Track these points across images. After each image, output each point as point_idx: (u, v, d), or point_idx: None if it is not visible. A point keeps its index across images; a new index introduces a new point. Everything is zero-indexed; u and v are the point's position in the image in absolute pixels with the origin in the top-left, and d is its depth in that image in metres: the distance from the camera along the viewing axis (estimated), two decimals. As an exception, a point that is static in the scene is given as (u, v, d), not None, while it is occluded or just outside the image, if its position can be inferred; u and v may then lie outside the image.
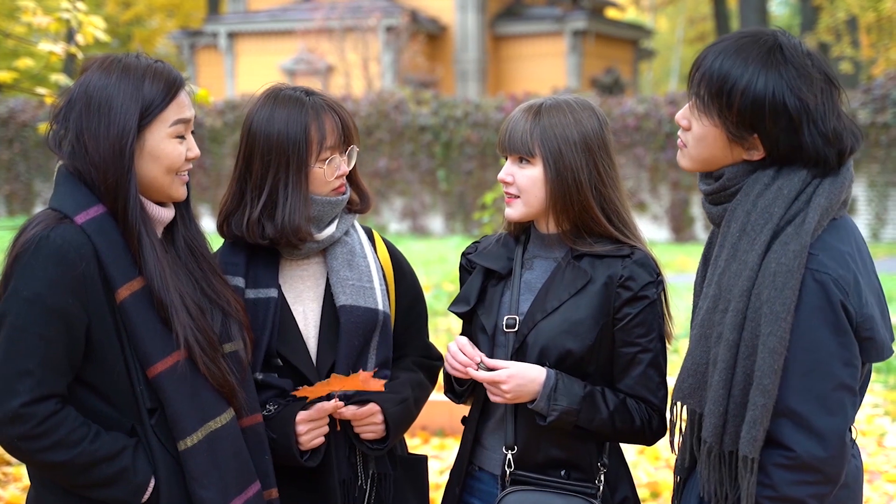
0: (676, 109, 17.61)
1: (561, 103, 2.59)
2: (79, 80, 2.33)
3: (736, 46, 2.20)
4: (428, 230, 19.72)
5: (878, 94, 16.68)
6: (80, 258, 2.22)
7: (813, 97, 2.16)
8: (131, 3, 33.08)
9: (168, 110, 2.32)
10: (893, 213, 17.07)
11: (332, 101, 2.65)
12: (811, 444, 2.10)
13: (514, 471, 2.56)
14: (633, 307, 2.51)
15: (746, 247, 2.17)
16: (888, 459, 5.88)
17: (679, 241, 18.01)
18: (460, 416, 2.82)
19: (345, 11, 23.58)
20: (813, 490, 2.13)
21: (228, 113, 20.65)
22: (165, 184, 2.36)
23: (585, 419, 2.49)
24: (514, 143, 2.58)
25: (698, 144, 2.27)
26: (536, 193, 2.57)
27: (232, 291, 2.51)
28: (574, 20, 26.17)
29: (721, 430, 2.17)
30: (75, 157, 2.29)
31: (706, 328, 2.22)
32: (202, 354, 2.31)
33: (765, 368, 2.09)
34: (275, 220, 2.58)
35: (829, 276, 2.12)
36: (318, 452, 2.59)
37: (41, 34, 5.57)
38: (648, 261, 2.55)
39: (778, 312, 2.09)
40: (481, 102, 19.34)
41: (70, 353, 2.22)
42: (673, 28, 41.74)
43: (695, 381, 2.24)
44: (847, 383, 2.13)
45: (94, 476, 2.23)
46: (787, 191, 2.17)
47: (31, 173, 21.62)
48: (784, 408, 2.11)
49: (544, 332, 2.53)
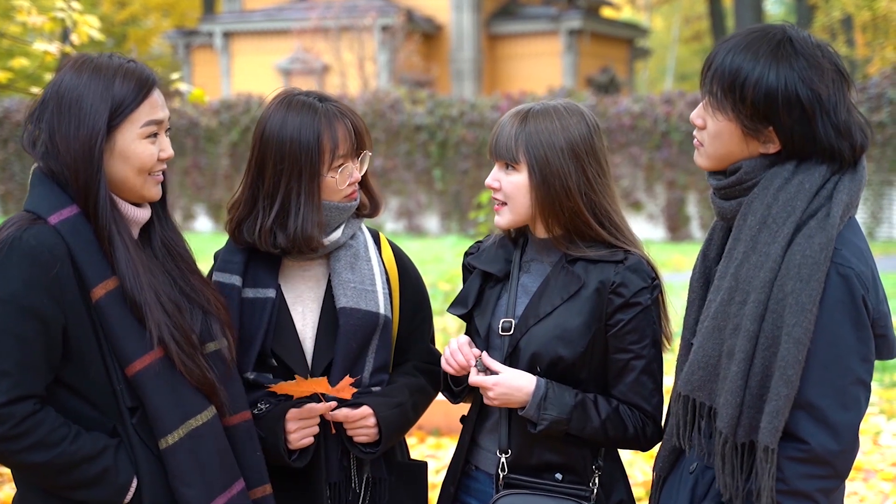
0: (672, 108, 17.68)
1: (549, 109, 2.57)
2: (52, 81, 2.33)
3: (746, 42, 2.22)
4: (424, 230, 19.71)
5: (874, 92, 16.70)
6: (53, 258, 2.21)
7: (825, 88, 2.17)
8: (126, 3, 33.03)
9: (139, 111, 2.31)
10: (889, 211, 17.09)
11: (345, 107, 2.63)
12: (825, 438, 2.11)
13: (507, 474, 2.55)
14: (626, 313, 2.50)
15: (768, 239, 2.17)
16: (883, 458, 5.89)
17: (675, 240, 18.02)
18: (456, 415, 2.81)
19: (340, 11, 23.56)
20: (821, 484, 2.14)
21: (224, 112, 20.61)
22: (137, 184, 2.34)
23: (576, 428, 2.48)
24: (500, 148, 2.57)
25: (714, 141, 2.27)
26: (522, 200, 2.56)
27: (213, 290, 2.50)
28: (569, 19, 26.17)
29: (736, 421, 2.16)
30: (48, 157, 2.29)
31: (720, 320, 2.21)
32: (179, 352, 2.30)
33: (789, 359, 2.09)
34: (287, 231, 2.57)
35: (852, 270, 2.13)
36: (306, 453, 2.58)
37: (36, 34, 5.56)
38: (642, 266, 2.53)
39: (804, 304, 2.09)
40: (477, 102, 19.33)
41: (47, 353, 2.21)
42: (668, 27, 41.75)
43: (706, 374, 2.23)
44: (863, 378, 2.15)
45: (76, 477, 2.22)
46: (809, 185, 2.18)
47: (27, 173, 21.47)
48: (802, 400, 2.12)
49: (536, 337, 2.52)
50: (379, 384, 2.67)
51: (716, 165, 2.30)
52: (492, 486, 2.61)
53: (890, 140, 16.67)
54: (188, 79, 26.52)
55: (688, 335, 2.39)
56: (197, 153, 20.76)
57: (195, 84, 25.83)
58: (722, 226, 2.37)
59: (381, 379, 2.67)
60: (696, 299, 2.38)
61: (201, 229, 20.62)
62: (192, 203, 21.03)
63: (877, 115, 16.59)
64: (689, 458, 2.36)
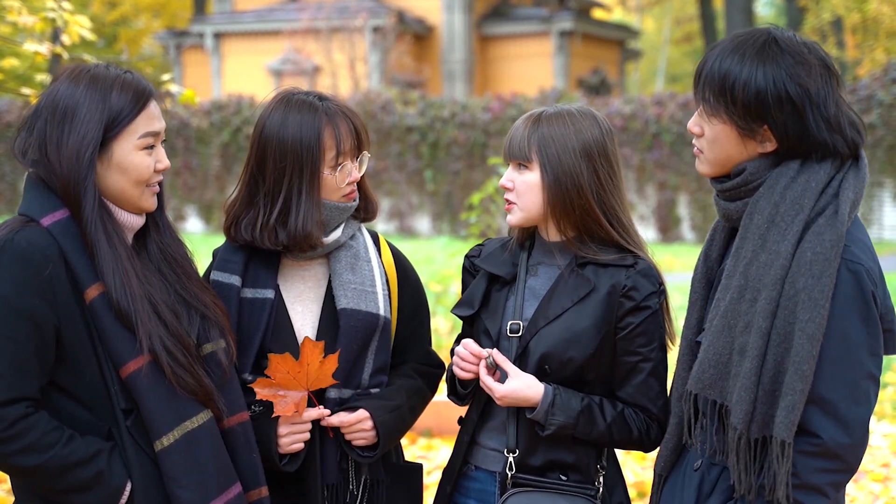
0: (663, 110, 17.71)
1: (563, 112, 2.61)
2: (47, 90, 2.32)
3: (732, 46, 2.26)
4: (415, 231, 19.70)
5: (864, 94, 16.75)
6: (46, 260, 2.20)
7: (813, 83, 2.21)
8: (117, 3, 32.96)
9: (136, 122, 2.31)
10: (879, 213, 17.14)
11: (345, 106, 2.65)
12: (837, 432, 2.14)
13: (515, 473, 2.57)
14: (636, 317, 2.53)
15: (777, 237, 2.19)
16: (873, 458, 5.91)
17: (666, 241, 18.04)
18: (448, 416, 2.81)
19: (331, 12, 23.55)
20: (832, 478, 2.17)
21: (215, 113, 20.58)
22: (135, 196, 2.34)
23: (582, 432, 2.52)
24: (514, 149, 2.61)
25: (713, 146, 2.30)
26: (533, 199, 2.59)
27: (212, 294, 2.49)
28: (561, 21, 26.20)
29: (750, 417, 2.18)
30: (39, 165, 2.28)
31: (731, 318, 2.23)
32: (170, 362, 2.29)
33: (803, 354, 2.12)
34: (287, 227, 2.58)
35: (861, 266, 2.17)
36: (296, 458, 2.58)
37: (26, 34, 5.55)
38: (652, 271, 2.57)
39: (816, 300, 2.12)
40: (468, 103, 19.33)
41: (40, 355, 2.20)
42: (659, 29, 41.80)
43: (716, 372, 2.25)
44: (873, 373, 2.18)
45: (69, 481, 2.21)
46: (815, 183, 2.21)
47: (17, 173, 21.51)
48: (813, 395, 2.14)
49: (546, 339, 2.55)
50: (378, 385, 2.67)
51: (717, 171, 2.33)
52: (493, 485, 2.63)
53: (880, 142, 16.72)
54: (179, 79, 26.47)
55: (689, 335, 2.41)
56: (188, 154, 20.72)
57: (186, 85, 25.80)
58: (724, 227, 2.39)
59: (380, 380, 2.67)
60: (698, 299, 2.40)
61: (192, 230, 20.58)
62: (183, 204, 20.98)
63: (867, 117, 16.63)
64: (693, 456, 2.38)
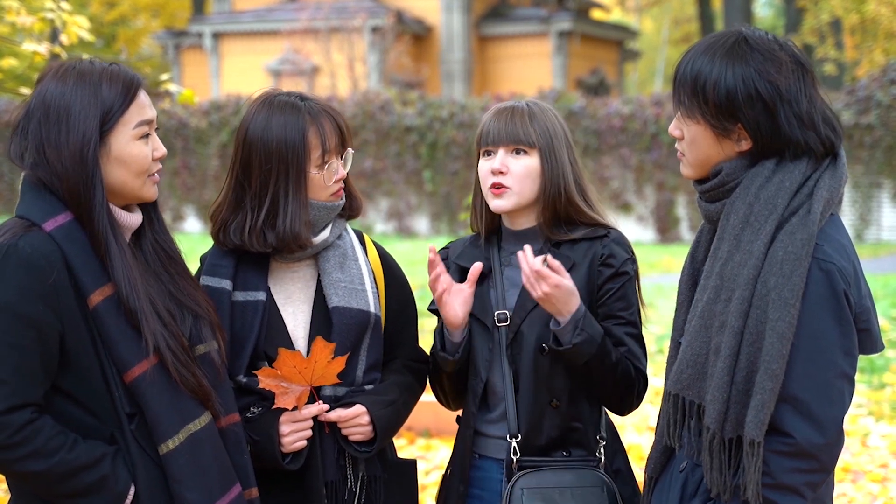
0: (661, 110, 17.71)
1: (535, 103, 2.74)
2: (35, 91, 2.30)
3: (703, 48, 2.29)
4: (414, 231, 19.71)
5: (862, 95, 16.75)
6: (49, 265, 2.20)
7: (784, 79, 2.21)
8: (116, 3, 32.96)
9: (129, 112, 2.30)
10: (877, 213, 17.14)
11: (327, 105, 2.66)
12: (810, 431, 2.13)
13: (520, 458, 2.62)
14: (615, 283, 2.66)
15: (750, 237, 2.20)
16: (872, 459, 5.91)
17: (664, 241, 18.05)
18: (447, 417, 2.82)
19: (330, 12, 23.54)
20: (807, 478, 2.16)
21: (214, 113, 20.59)
22: (136, 186, 2.34)
23: (599, 356, 2.56)
24: (514, 133, 2.66)
25: (692, 148, 2.32)
26: (531, 184, 2.67)
27: (203, 293, 2.49)
28: (559, 21, 26.21)
29: (723, 416, 2.19)
30: (37, 167, 2.27)
31: (707, 318, 2.24)
32: (174, 361, 2.29)
33: (773, 353, 2.12)
34: (276, 229, 2.58)
35: (834, 265, 2.16)
36: (299, 456, 2.59)
37: (25, 34, 5.54)
38: (623, 238, 2.72)
39: (787, 298, 2.12)
40: (467, 103, 19.34)
41: (44, 361, 2.20)
42: (658, 29, 41.84)
43: (694, 372, 2.26)
44: (847, 372, 2.17)
45: (74, 485, 2.21)
46: (789, 183, 2.21)
47: (15, 173, 21.51)
48: (786, 394, 2.14)
49: (537, 319, 2.62)
50: (371, 382, 2.68)
51: (699, 173, 2.35)
52: (499, 472, 2.67)
53: (878, 142, 16.72)
54: (178, 79, 26.48)
55: (676, 336, 2.41)
56: (186, 154, 20.73)
57: (185, 85, 25.79)
58: (709, 228, 2.40)
59: (373, 377, 2.69)
60: (684, 301, 2.40)
61: (191, 230, 20.59)
62: (182, 204, 20.99)
63: (865, 118, 16.65)
64: (679, 458, 2.38)
